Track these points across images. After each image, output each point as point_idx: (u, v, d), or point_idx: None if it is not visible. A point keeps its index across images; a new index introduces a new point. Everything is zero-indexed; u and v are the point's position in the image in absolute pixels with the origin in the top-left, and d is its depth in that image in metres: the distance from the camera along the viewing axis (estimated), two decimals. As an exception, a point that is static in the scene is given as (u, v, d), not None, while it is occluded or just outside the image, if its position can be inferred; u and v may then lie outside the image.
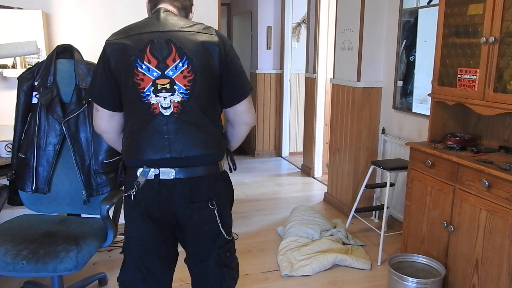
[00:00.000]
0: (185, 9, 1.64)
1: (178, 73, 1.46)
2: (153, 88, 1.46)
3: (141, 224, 1.58)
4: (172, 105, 1.47)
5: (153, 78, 1.46)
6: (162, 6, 1.58)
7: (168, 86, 1.46)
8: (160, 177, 1.51)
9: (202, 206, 1.54)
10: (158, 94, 1.46)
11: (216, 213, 1.56)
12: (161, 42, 1.46)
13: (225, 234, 1.60)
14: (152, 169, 1.51)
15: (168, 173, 1.50)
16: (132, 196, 1.53)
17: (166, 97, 1.46)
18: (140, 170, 1.52)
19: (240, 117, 1.62)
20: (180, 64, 1.45)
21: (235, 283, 1.69)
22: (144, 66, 1.45)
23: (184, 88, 1.46)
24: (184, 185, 1.52)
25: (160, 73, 1.46)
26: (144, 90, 1.47)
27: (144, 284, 1.61)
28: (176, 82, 1.46)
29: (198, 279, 1.67)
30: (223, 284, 1.64)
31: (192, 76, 1.46)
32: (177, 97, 1.47)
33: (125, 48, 1.47)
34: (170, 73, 1.46)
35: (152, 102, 1.47)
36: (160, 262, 1.62)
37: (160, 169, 1.50)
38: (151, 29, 1.48)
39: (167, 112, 1.47)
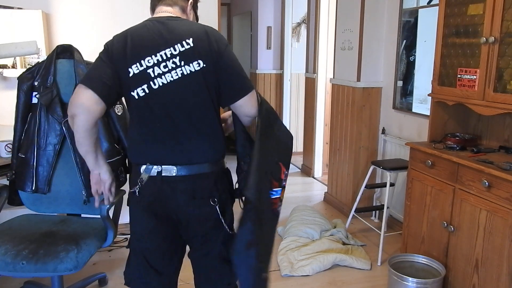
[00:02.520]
0: (179, 3, 1.61)
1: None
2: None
3: (143, 220, 1.61)
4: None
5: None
6: (158, 9, 1.58)
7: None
8: (163, 174, 1.54)
9: (203, 203, 1.57)
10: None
11: (218, 210, 1.58)
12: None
13: (228, 230, 1.62)
14: (155, 166, 1.54)
15: (170, 170, 1.53)
16: (137, 192, 1.57)
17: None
18: (144, 167, 1.55)
19: (239, 110, 1.58)
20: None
21: (236, 277, 1.70)
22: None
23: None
24: (186, 182, 1.54)
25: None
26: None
27: (146, 278, 1.64)
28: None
29: (201, 274, 1.69)
30: (224, 279, 1.66)
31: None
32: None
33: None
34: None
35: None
36: (162, 257, 1.65)
37: (163, 166, 1.53)
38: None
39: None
